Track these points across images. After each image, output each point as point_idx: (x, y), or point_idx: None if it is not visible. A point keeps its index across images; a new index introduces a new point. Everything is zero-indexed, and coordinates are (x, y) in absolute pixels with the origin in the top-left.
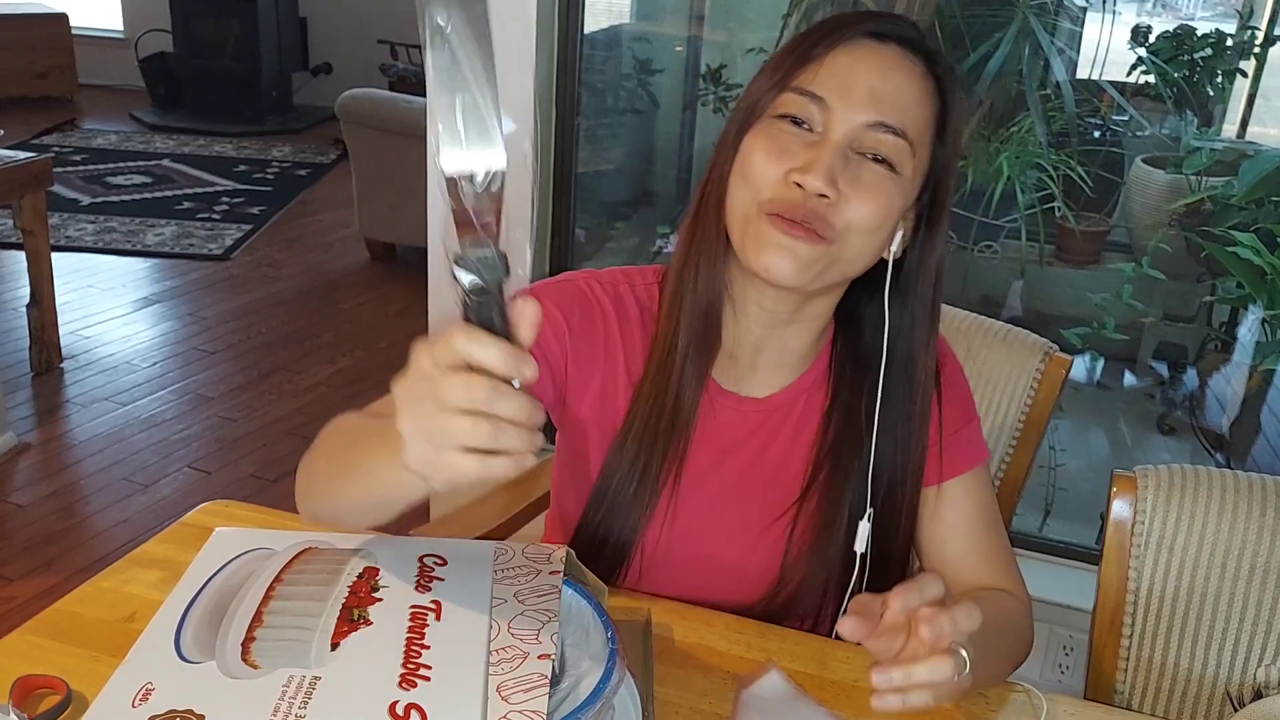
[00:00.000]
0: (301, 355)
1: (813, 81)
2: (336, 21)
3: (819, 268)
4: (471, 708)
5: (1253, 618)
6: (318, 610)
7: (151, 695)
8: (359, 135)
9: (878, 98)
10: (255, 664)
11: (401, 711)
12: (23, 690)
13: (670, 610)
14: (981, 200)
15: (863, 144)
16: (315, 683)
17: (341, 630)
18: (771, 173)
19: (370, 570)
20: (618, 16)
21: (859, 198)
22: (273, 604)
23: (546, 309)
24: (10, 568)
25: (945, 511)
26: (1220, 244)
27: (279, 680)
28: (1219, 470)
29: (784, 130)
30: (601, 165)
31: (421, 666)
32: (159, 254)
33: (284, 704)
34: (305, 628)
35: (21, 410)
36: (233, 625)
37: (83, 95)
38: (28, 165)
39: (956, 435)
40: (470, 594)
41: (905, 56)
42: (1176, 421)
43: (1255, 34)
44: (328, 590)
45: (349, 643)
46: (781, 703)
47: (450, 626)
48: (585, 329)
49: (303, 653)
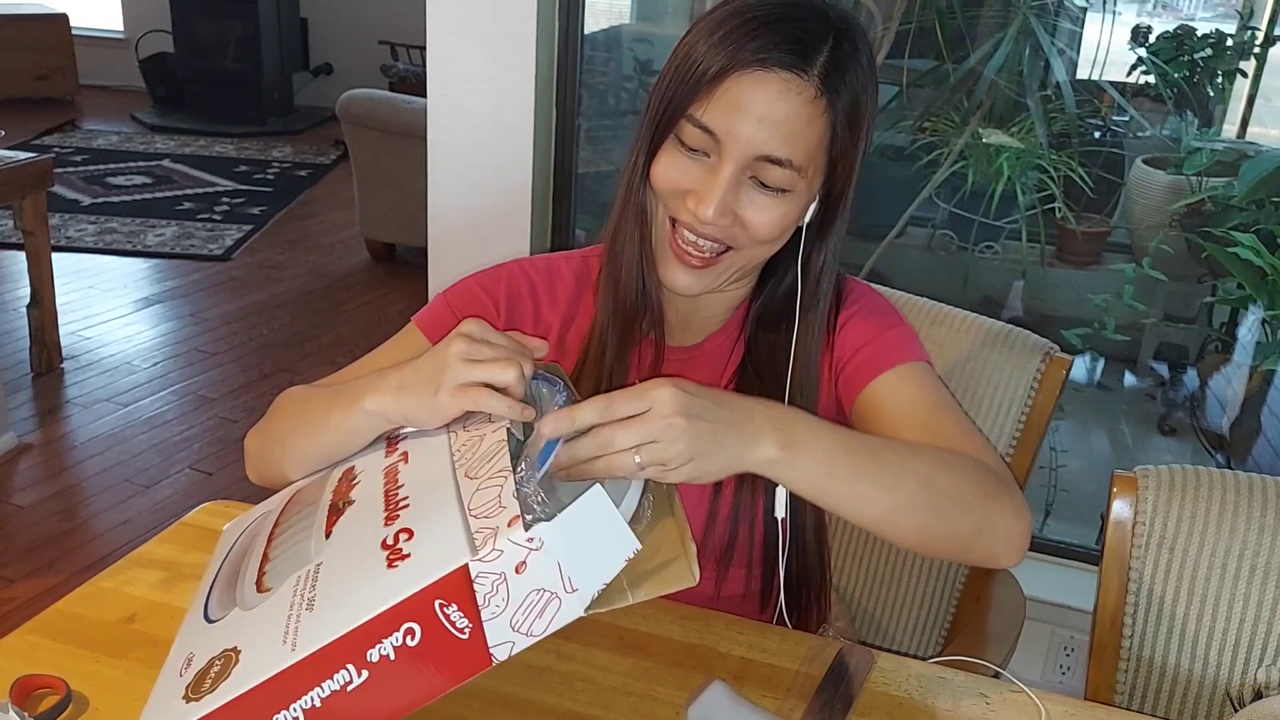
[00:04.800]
0: (302, 356)
1: (704, 113)
2: (337, 22)
3: (722, 279)
4: (448, 501)
5: (1253, 618)
6: (311, 522)
7: (193, 660)
8: (360, 136)
9: (764, 132)
10: (268, 588)
11: (391, 540)
12: (23, 690)
13: (670, 611)
14: (981, 201)
15: (754, 171)
16: (318, 569)
17: (331, 520)
18: (673, 197)
19: (348, 470)
20: (618, 17)
21: (753, 219)
22: (274, 542)
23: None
24: (11, 568)
25: (885, 406)
26: (1221, 245)
27: (290, 585)
28: (1219, 471)
29: (684, 155)
30: (601, 165)
31: (401, 501)
32: (159, 254)
33: (296, 598)
34: (303, 539)
35: (22, 411)
36: (246, 574)
37: (83, 96)
38: (28, 166)
39: (873, 342)
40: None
41: (794, 82)
42: (1177, 422)
43: (1255, 34)
44: (316, 505)
45: (340, 525)
46: (728, 713)
47: (415, 461)
48: (515, 305)
49: (303, 554)
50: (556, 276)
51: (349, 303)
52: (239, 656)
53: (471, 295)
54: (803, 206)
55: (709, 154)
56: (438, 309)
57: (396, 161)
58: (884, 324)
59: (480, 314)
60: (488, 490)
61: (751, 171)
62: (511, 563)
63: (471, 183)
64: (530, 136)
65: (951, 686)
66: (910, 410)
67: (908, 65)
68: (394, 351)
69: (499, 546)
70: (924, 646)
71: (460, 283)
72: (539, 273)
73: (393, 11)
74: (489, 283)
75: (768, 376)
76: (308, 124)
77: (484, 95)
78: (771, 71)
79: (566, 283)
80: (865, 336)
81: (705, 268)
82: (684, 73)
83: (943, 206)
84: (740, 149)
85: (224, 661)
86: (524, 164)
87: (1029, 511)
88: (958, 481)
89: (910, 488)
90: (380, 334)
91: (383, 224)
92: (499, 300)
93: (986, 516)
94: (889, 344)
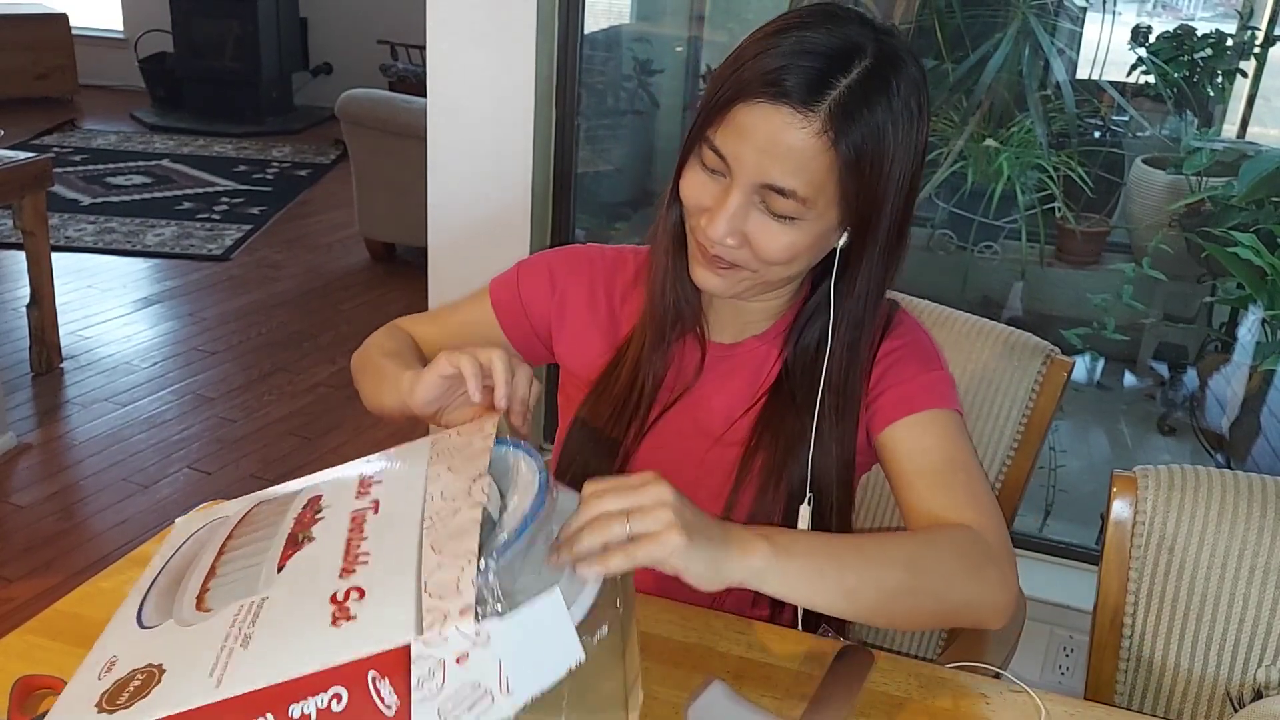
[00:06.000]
0: (301, 355)
1: (717, 137)
2: (336, 22)
3: (746, 287)
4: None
5: (1253, 618)
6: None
7: (115, 665)
8: (359, 135)
9: (767, 163)
10: (208, 608)
11: (341, 596)
12: (23, 690)
13: (670, 610)
14: (981, 200)
15: (762, 196)
16: (263, 603)
17: (287, 554)
18: (694, 213)
19: (314, 500)
20: (618, 16)
21: (761, 244)
22: (224, 557)
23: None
24: (10, 568)
25: (901, 449)
26: (1220, 244)
27: (230, 613)
28: (1219, 471)
29: (704, 173)
30: (601, 165)
31: (360, 555)
32: (159, 254)
33: (234, 629)
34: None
35: (21, 411)
36: (189, 584)
37: (83, 95)
38: (28, 165)
39: (909, 382)
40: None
41: (797, 116)
42: (1177, 422)
43: (1255, 34)
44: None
45: (293, 561)
46: (728, 713)
47: (386, 515)
48: (570, 284)
49: (251, 582)
50: (620, 264)
51: (348, 302)
52: (161, 676)
53: (536, 273)
54: (816, 234)
55: (723, 174)
56: (509, 278)
57: (396, 161)
58: (924, 366)
59: (538, 287)
60: (448, 570)
61: (760, 197)
62: (454, 651)
63: (471, 182)
64: (530, 136)
65: (951, 686)
66: (924, 459)
67: None
68: (470, 311)
69: (445, 634)
70: (924, 647)
71: (536, 256)
72: (606, 259)
73: (392, 11)
74: (557, 263)
75: (801, 390)
76: (307, 124)
77: (484, 95)
78: (777, 104)
79: (627, 272)
80: (903, 375)
81: (729, 270)
82: (712, 91)
83: (942, 206)
84: (746, 176)
85: (145, 678)
86: (524, 164)
87: (1016, 580)
88: (944, 563)
89: (898, 575)
90: None
91: (382, 223)
92: (558, 281)
93: (972, 593)
94: (923, 387)
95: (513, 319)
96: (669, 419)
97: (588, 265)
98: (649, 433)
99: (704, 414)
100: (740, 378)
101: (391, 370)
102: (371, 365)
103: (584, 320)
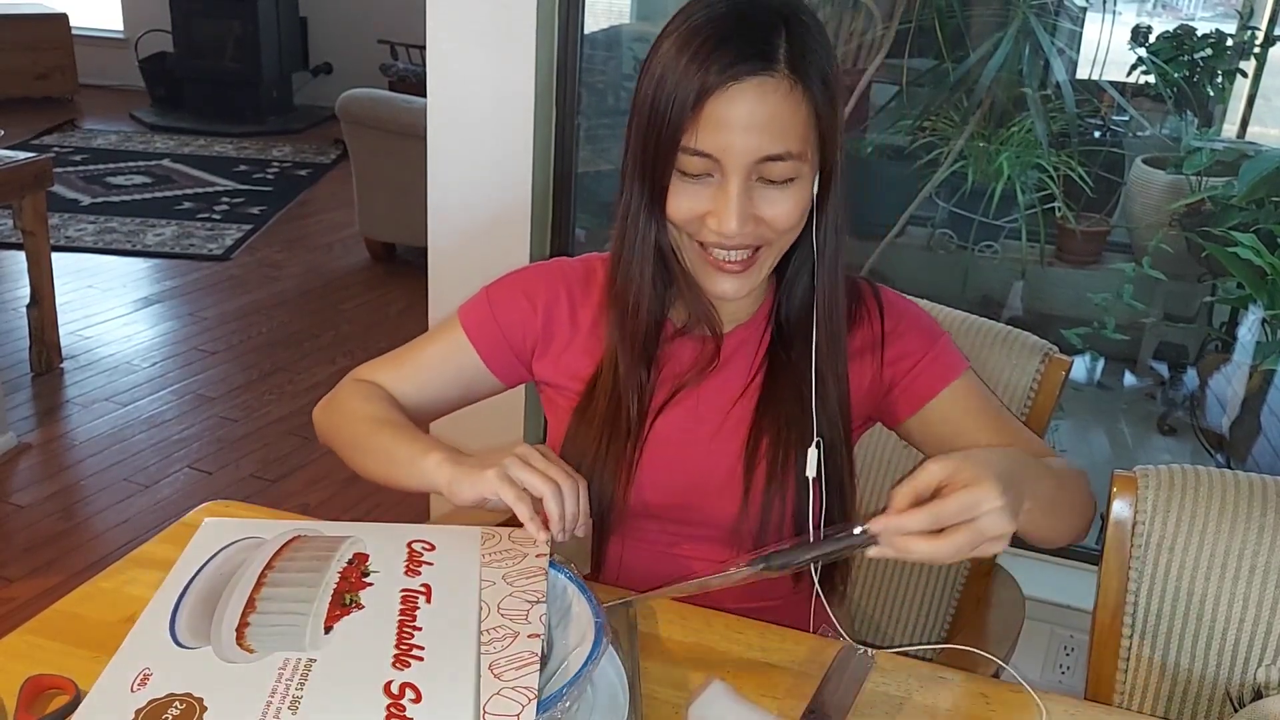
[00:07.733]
0: (302, 355)
1: (696, 139)
2: (336, 21)
3: (765, 270)
4: (465, 685)
5: (1253, 618)
6: (309, 595)
7: (150, 680)
8: (359, 135)
9: (755, 138)
10: (250, 648)
11: (396, 690)
12: (32, 690)
13: (670, 610)
14: (981, 200)
15: (759, 173)
16: (311, 664)
17: (334, 614)
18: (694, 225)
19: (360, 556)
20: (618, 16)
21: (773, 215)
22: (265, 590)
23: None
24: (11, 568)
25: (955, 418)
26: (1220, 244)
27: (275, 663)
28: (1219, 470)
29: (690, 184)
30: (601, 165)
31: (414, 647)
32: (159, 254)
33: (280, 685)
34: (298, 612)
35: (21, 411)
36: (226, 611)
37: (83, 95)
38: (28, 165)
39: (926, 357)
40: (459, 577)
41: (768, 81)
42: (1177, 422)
43: (1255, 34)
44: (319, 576)
45: (342, 626)
46: (728, 713)
47: (441, 608)
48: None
49: (297, 636)
50: (590, 274)
51: (348, 302)
52: (202, 713)
53: (511, 296)
54: (810, 183)
55: (712, 174)
56: (479, 304)
57: (396, 161)
58: (930, 337)
59: (515, 309)
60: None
61: (757, 174)
62: None
63: (471, 182)
64: (530, 136)
65: (951, 686)
66: (979, 419)
67: (907, 64)
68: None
69: None
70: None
71: (504, 279)
72: (576, 273)
73: (392, 11)
74: (530, 283)
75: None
76: (307, 123)
77: (484, 95)
78: (743, 81)
79: (600, 280)
80: (918, 351)
81: (747, 269)
82: (661, 112)
83: (942, 206)
84: (739, 160)
85: (186, 709)
86: (524, 164)
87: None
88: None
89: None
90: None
91: (382, 223)
92: (537, 302)
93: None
94: (941, 356)
95: (489, 344)
96: (669, 419)
97: (563, 279)
98: (649, 438)
99: (703, 408)
100: (732, 366)
101: (402, 451)
102: (364, 441)
103: (567, 336)
